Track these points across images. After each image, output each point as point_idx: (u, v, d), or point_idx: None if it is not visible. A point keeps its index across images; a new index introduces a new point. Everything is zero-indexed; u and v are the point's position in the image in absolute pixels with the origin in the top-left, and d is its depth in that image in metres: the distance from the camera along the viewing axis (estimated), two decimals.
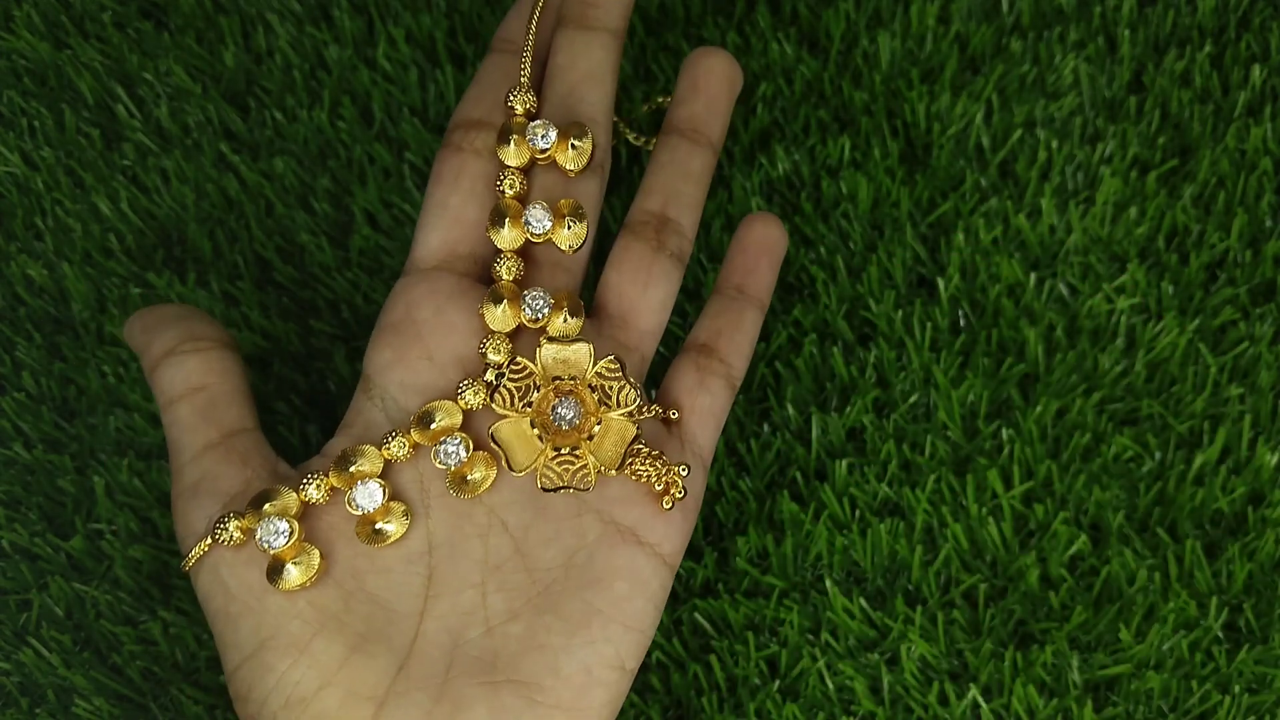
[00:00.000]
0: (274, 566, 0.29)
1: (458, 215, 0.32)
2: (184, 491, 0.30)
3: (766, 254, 0.35)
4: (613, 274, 0.33)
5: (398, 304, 0.32)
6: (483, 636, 0.29)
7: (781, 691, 0.35)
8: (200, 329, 0.32)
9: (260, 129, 0.40)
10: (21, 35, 0.41)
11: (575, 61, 0.33)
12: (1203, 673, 0.34)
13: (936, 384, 0.37)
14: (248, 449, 0.31)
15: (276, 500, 0.29)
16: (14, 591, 0.36)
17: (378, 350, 0.31)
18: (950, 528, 0.35)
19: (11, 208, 0.40)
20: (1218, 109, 0.40)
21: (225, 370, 0.32)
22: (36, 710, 0.35)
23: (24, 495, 0.37)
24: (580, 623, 0.29)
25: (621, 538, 0.30)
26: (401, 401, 0.31)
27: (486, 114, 0.33)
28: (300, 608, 0.29)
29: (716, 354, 0.33)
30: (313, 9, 0.41)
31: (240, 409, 0.32)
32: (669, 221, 0.33)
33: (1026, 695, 0.34)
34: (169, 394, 0.31)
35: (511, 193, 0.32)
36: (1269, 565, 0.35)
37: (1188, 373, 0.37)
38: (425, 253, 0.32)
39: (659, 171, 0.34)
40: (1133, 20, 0.40)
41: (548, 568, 0.30)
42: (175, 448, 0.31)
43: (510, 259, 0.31)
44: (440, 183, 0.32)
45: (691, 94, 0.35)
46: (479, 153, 0.32)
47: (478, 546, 0.30)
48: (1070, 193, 0.39)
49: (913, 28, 0.40)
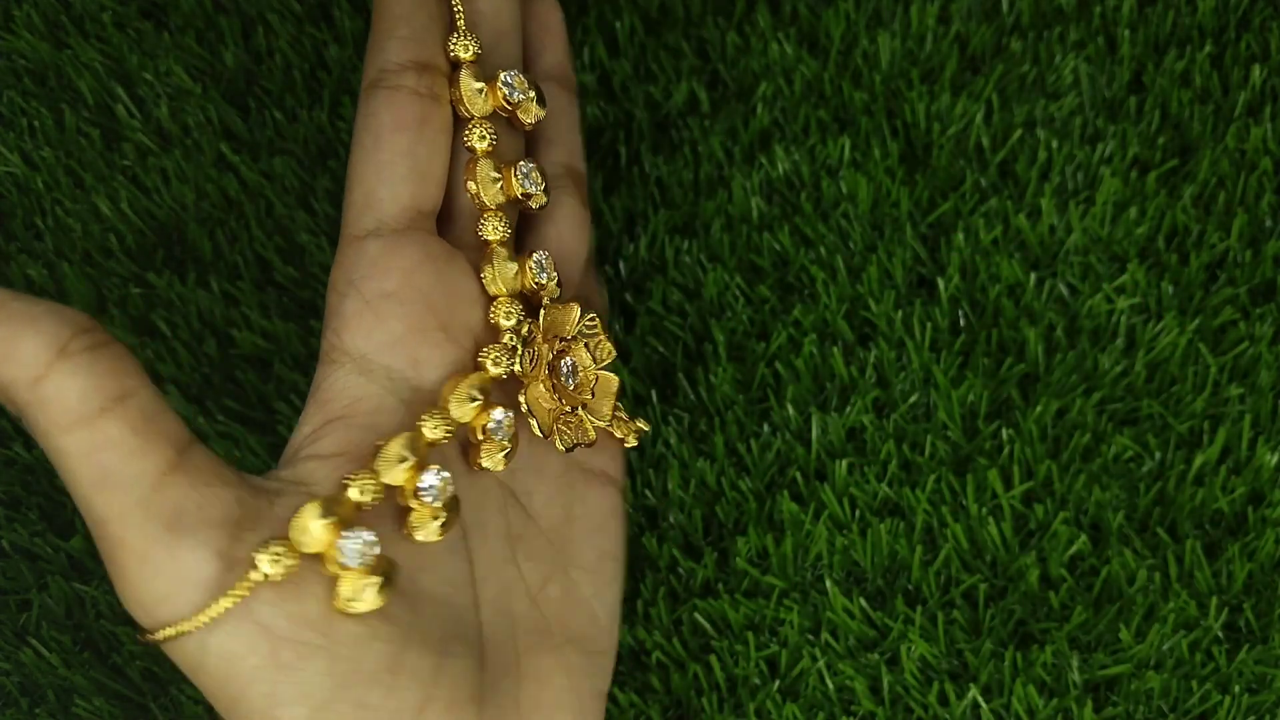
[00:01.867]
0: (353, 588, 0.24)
1: (426, 169, 0.29)
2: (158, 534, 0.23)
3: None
4: (552, 230, 0.33)
5: (388, 271, 0.28)
6: (530, 607, 0.29)
7: (781, 691, 0.35)
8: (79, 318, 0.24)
9: (260, 129, 0.40)
10: (21, 35, 0.41)
11: (500, 10, 0.32)
12: (1203, 673, 0.34)
13: (936, 384, 0.37)
14: (211, 464, 0.25)
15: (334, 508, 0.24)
16: (14, 591, 0.36)
17: (375, 323, 0.28)
18: (950, 528, 0.35)
19: (11, 208, 0.40)
20: (1218, 109, 0.40)
21: (136, 368, 0.24)
22: (36, 710, 0.35)
23: (24, 495, 0.37)
24: (597, 568, 0.31)
25: (599, 480, 0.32)
26: (415, 380, 0.28)
27: (432, 56, 0.30)
28: (377, 627, 0.25)
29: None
30: (313, 9, 0.41)
31: (174, 417, 0.25)
32: (578, 173, 0.34)
33: (1026, 695, 0.34)
34: (82, 410, 0.23)
35: (484, 146, 0.30)
36: (1269, 565, 0.35)
37: (1188, 373, 0.37)
38: (396, 210, 0.29)
39: (553, 122, 0.34)
40: (1133, 20, 0.40)
41: (557, 525, 0.31)
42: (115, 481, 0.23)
43: (497, 217, 0.30)
44: (404, 129, 0.29)
45: (548, 37, 0.35)
46: (436, 99, 0.29)
47: (500, 521, 0.29)
48: (1070, 193, 0.39)
49: (913, 28, 0.40)
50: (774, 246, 0.39)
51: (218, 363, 0.38)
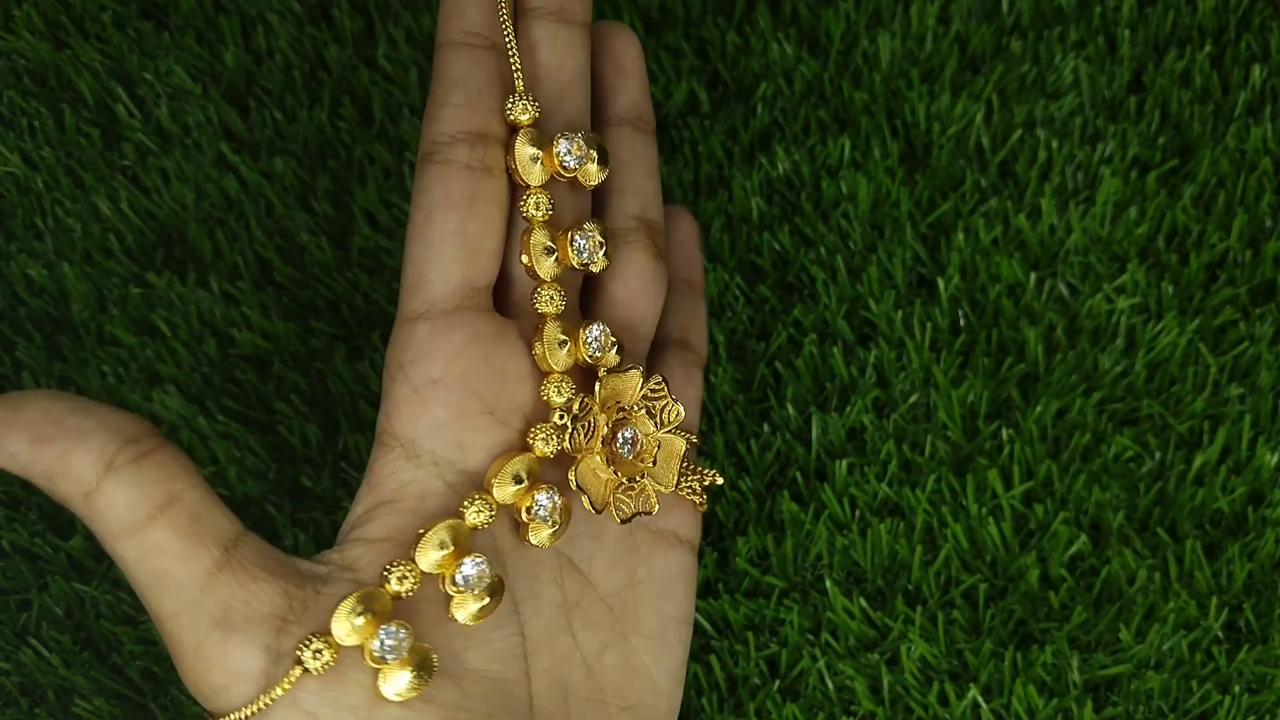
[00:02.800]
0: (389, 678, 0.25)
1: (478, 245, 0.28)
2: (210, 633, 0.25)
3: (692, 242, 0.36)
4: (620, 288, 0.31)
5: (434, 356, 0.28)
6: (585, 678, 0.29)
7: (781, 691, 0.35)
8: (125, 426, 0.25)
9: (260, 129, 0.40)
10: (21, 35, 0.41)
11: (564, 62, 0.30)
12: (1203, 673, 0.34)
13: (936, 384, 0.37)
14: (261, 558, 0.26)
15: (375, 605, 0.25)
16: (14, 591, 0.36)
17: (422, 410, 0.28)
18: (950, 528, 0.35)
19: (11, 208, 0.40)
20: (1218, 109, 0.40)
21: (185, 470, 0.25)
22: (36, 710, 0.35)
23: (24, 495, 0.37)
24: (660, 635, 0.31)
25: (667, 542, 0.32)
26: (461, 464, 0.28)
27: (486, 124, 0.29)
28: (420, 710, 0.25)
29: (690, 347, 0.34)
30: (313, 9, 0.41)
31: (224, 514, 0.26)
32: (653, 224, 0.32)
33: (1026, 695, 0.34)
34: (132, 519, 0.24)
35: (541, 215, 0.29)
36: (1269, 565, 0.35)
37: (1188, 373, 0.37)
38: (446, 290, 0.28)
39: (627, 171, 0.32)
40: (1133, 20, 0.40)
41: (617, 591, 0.30)
42: (167, 583, 0.25)
43: (553, 288, 0.29)
44: (453, 207, 0.28)
45: (621, 78, 0.33)
46: (489, 171, 0.29)
47: (555, 591, 0.29)
48: (1070, 193, 0.39)
49: (913, 28, 0.40)
50: (774, 246, 0.39)
51: (218, 363, 0.38)
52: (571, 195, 0.31)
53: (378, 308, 0.38)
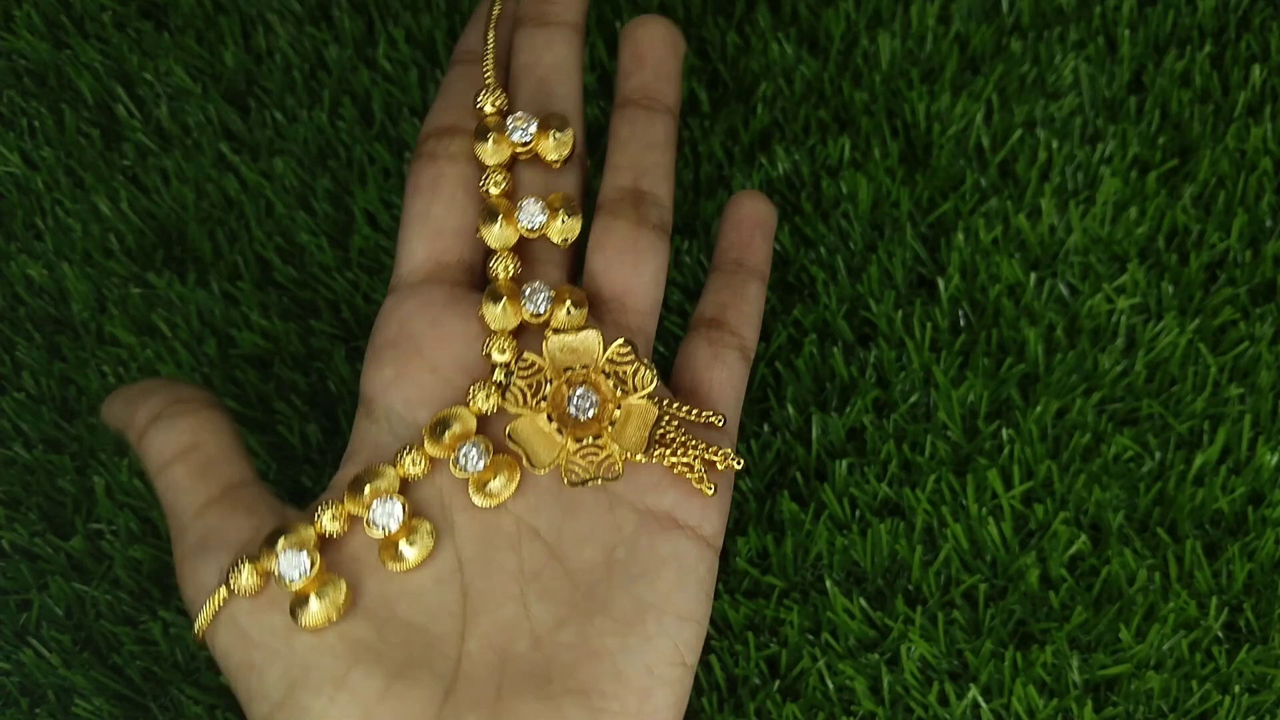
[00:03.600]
0: (297, 603, 0.27)
1: (441, 224, 0.31)
2: (189, 552, 0.29)
3: (759, 228, 0.34)
4: (598, 259, 0.32)
5: (390, 322, 0.31)
6: (531, 649, 0.28)
7: (782, 691, 0.35)
8: (184, 391, 0.31)
9: (260, 129, 0.40)
10: (21, 35, 0.41)
11: (540, 57, 0.33)
12: (1203, 673, 0.34)
13: (936, 384, 0.37)
14: (252, 499, 0.29)
15: (291, 534, 0.28)
16: (14, 591, 0.36)
17: (376, 370, 0.30)
18: (950, 528, 0.35)
19: (11, 208, 0.40)
20: (1218, 109, 0.40)
21: (217, 429, 0.30)
22: (36, 710, 0.35)
23: (24, 495, 0.37)
24: (633, 620, 0.28)
25: (660, 525, 0.29)
26: (409, 418, 0.30)
27: (457, 119, 0.32)
28: (331, 642, 0.27)
29: (726, 326, 0.32)
30: (313, 9, 0.41)
31: (238, 464, 0.30)
32: (644, 194, 0.32)
33: (1027, 695, 0.34)
34: (161, 459, 0.30)
35: (498, 191, 0.31)
36: (1269, 565, 0.35)
37: (1188, 373, 0.37)
38: (411, 266, 0.31)
39: (622, 147, 0.33)
40: (1133, 20, 0.40)
41: (588, 568, 0.29)
42: (173, 512, 0.29)
43: (506, 256, 0.30)
44: (419, 193, 0.31)
45: (637, 64, 0.34)
46: (454, 158, 0.32)
47: (510, 557, 0.29)
48: (1070, 193, 0.39)
49: (913, 28, 0.40)
50: (774, 246, 0.39)
51: (218, 363, 0.38)
52: (552, 175, 0.32)
53: (378, 307, 0.38)
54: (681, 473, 0.29)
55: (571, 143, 0.32)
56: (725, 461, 0.30)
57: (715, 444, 0.30)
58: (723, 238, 0.34)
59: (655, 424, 0.29)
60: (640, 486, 0.29)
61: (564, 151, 0.32)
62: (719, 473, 0.30)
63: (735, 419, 0.32)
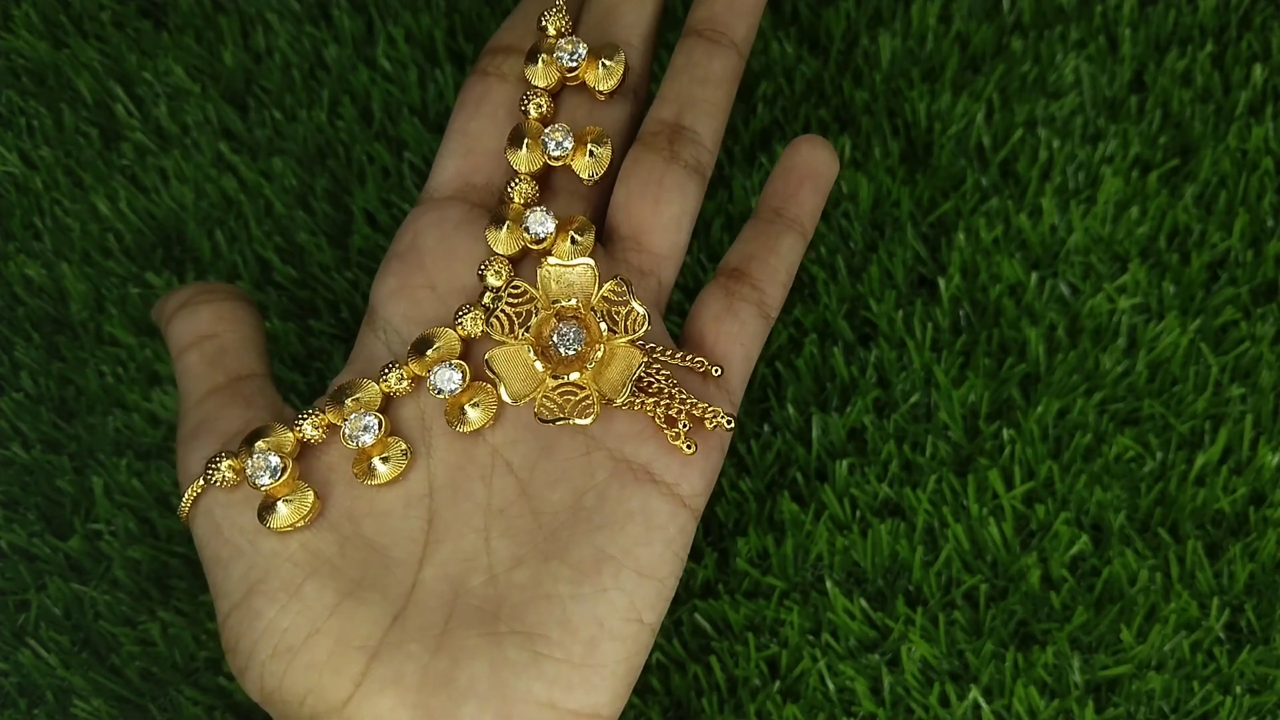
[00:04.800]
0: (265, 505, 0.27)
1: (475, 142, 0.31)
2: (185, 436, 0.29)
3: (810, 179, 0.32)
4: (621, 190, 0.30)
5: (405, 233, 0.30)
6: (485, 585, 0.27)
7: (782, 692, 0.34)
8: (215, 285, 0.31)
9: (259, 128, 0.40)
10: (20, 34, 0.41)
11: None
12: (1204, 673, 0.34)
13: (937, 384, 0.37)
14: (253, 392, 0.30)
15: (270, 436, 0.28)
16: (12, 592, 0.36)
17: (382, 280, 0.30)
18: (951, 528, 0.35)
19: (10, 207, 0.40)
20: (1219, 108, 0.40)
21: (237, 319, 0.31)
22: (35, 711, 0.35)
23: (22, 495, 0.37)
24: (590, 569, 0.27)
25: (634, 476, 0.28)
26: (404, 333, 0.29)
27: (517, 39, 0.31)
28: (292, 550, 0.27)
29: (748, 278, 0.30)
30: (312, 8, 0.41)
31: (250, 356, 0.30)
32: (683, 130, 0.30)
33: (1028, 696, 0.34)
34: (179, 344, 0.30)
35: (535, 114, 0.30)
36: (1270, 565, 0.35)
37: (1189, 373, 0.37)
38: (440, 181, 0.31)
39: (674, 78, 0.31)
40: (1134, 19, 0.40)
41: (554, 510, 0.28)
42: (181, 396, 0.30)
43: (525, 182, 0.29)
44: (462, 108, 0.31)
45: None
46: (504, 77, 0.31)
47: (480, 489, 0.28)
48: (1071, 192, 0.39)
49: (913, 27, 0.40)
50: None
51: None
52: (598, 108, 0.31)
53: None
54: (661, 426, 0.28)
55: (621, 74, 0.30)
56: (714, 421, 0.28)
57: (711, 402, 0.29)
58: (768, 185, 0.32)
59: (640, 369, 0.28)
60: (620, 435, 0.28)
61: (611, 82, 0.30)
62: (707, 432, 0.28)
63: (741, 378, 0.30)
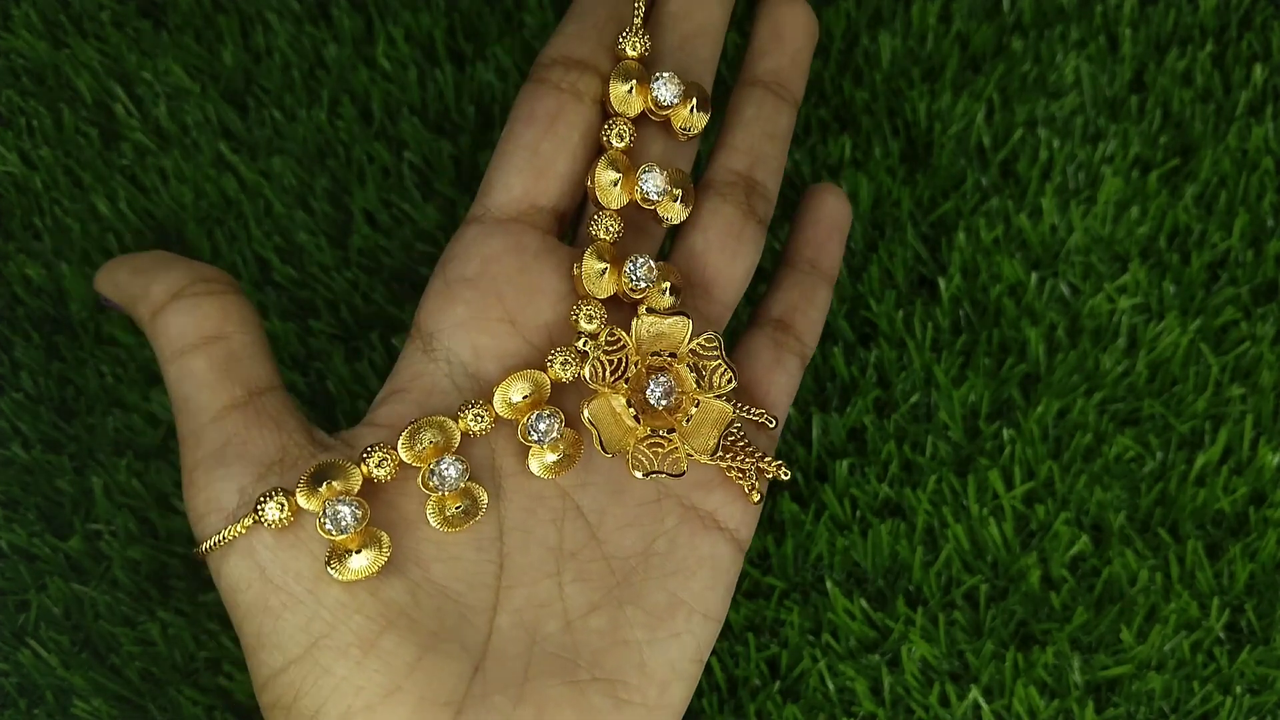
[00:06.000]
0: (336, 554, 0.25)
1: (547, 164, 0.29)
2: (204, 459, 0.26)
3: (838, 230, 0.33)
4: (699, 238, 0.30)
5: (471, 256, 0.28)
6: (561, 631, 0.27)
7: (782, 692, 0.34)
8: (208, 271, 0.28)
9: (259, 128, 0.40)
10: (20, 34, 0.41)
11: (691, 11, 0.30)
12: (1204, 673, 0.34)
13: (937, 384, 0.37)
14: (279, 410, 0.27)
15: (339, 478, 0.25)
16: (12, 592, 0.36)
17: (447, 306, 0.28)
18: (951, 528, 0.35)
19: (10, 207, 0.40)
20: (1219, 108, 0.40)
21: (244, 319, 0.28)
22: (35, 711, 0.35)
23: (22, 495, 0.37)
24: (664, 615, 0.28)
25: (702, 523, 0.29)
26: (473, 367, 0.28)
27: (590, 54, 0.29)
28: (363, 601, 0.25)
29: (792, 330, 0.32)
30: (311, 8, 0.41)
31: (263, 365, 0.28)
32: (757, 185, 0.31)
33: (1028, 696, 0.34)
34: (179, 343, 0.27)
35: (621, 144, 0.29)
36: (1271, 566, 0.35)
37: (1189, 373, 0.37)
38: (504, 200, 0.29)
39: (744, 128, 0.31)
40: (1134, 19, 0.40)
41: (626, 555, 0.28)
42: (188, 407, 0.27)
43: (611, 218, 0.28)
44: (533, 123, 0.29)
45: (775, 44, 0.31)
46: (579, 96, 0.29)
47: (552, 532, 0.27)
48: (1071, 192, 0.39)
49: (914, 26, 0.40)
50: (774, 246, 0.39)
51: None
52: (672, 145, 0.30)
53: (377, 307, 0.38)
54: (735, 478, 0.29)
55: (705, 124, 0.30)
56: (776, 472, 0.29)
57: (757, 446, 0.30)
58: (798, 232, 0.33)
59: (729, 428, 0.28)
60: (690, 483, 0.29)
61: (696, 130, 0.30)
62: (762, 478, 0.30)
63: (783, 423, 0.31)
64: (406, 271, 0.39)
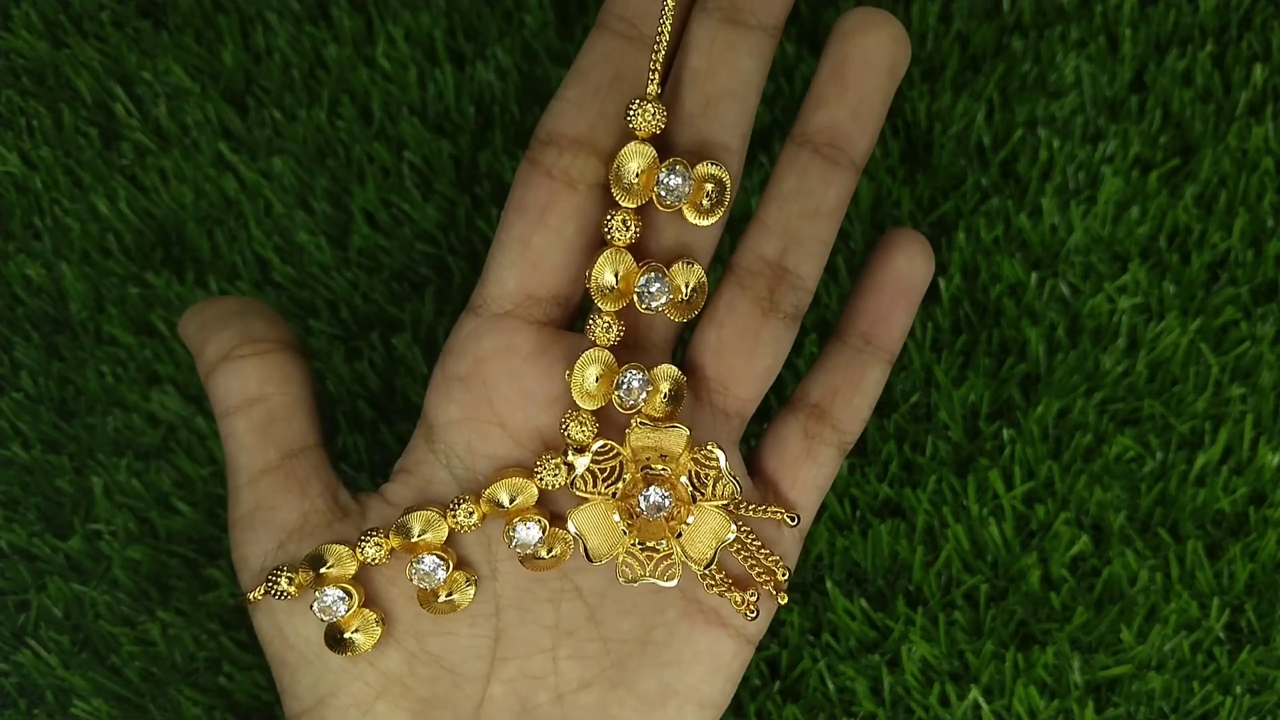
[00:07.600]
0: (333, 634, 0.27)
1: (540, 257, 0.26)
2: (240, 519, 0.28)
3: (905, 295, 0.28)
4: (712, 333, 0.27)
5: (465, 353, 0.27)
6: (552, 704, 0.28)
7: (782, 692, 0.34)
8: (259, 328, 0.29)
9: (259, 128, 0.40)
10: (20, 34, 0.41)
11: (717, 69, 0.26)
12: (1204, 673, 0.34)
13: (938, 384, 0.37)
14: (308, 473, 0.28)
15: (333, 565, 0.27)
16: (12, 592, 0.36)
17: (442, 403, 0.27)
18: (951, 528, 0.35)
19: (10, 207, 0.40)
20: (1219, 108, 0.40)
21: (286, 377, 0.28)
22: (35, 711, 0.35)
23: (22, 495, 0.37)
24: (655, 702, 0.28)
25: (704, 618, 0.28)
26: (468, 463, 0.27)
27: (589, 129, 0.26)
28: (362, 669, 0.27)
29: (829, 418, 0.28)
30: (311, 8, 0.41)
31: (302, 423, 0.29)
32: (786, 274, 0.27)
33: (1028, 696, 0.34)
34: (225, 404, 0.28)
35: (623, 240, 0.26)
36: (1270, 566, 0.35)
37: (1189, 373, 0.37)
38: (499, 293, 0.27)
39: (781, 203, 0.27)
40: (1134, 19, 0.40)
41: (623, 639, 0.28)
42: (232, 467, 0.28)
43: (610, 319, 0.26)
44: (523, 215, 0.26)
45: (836, 88, 0.26)
46: (573, 185, 0.26)
47: (549, 611, 0.28)
48: (1072, 192, 0.39)
49: (913, 27, 0.40)
50: None
51: None
52: (688, 230, 0.27)
53: (376, 307, 0.38)
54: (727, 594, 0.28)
55: (725, 210, 0.26)
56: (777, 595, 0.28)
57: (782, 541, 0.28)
58: (859, 298, 0.29)
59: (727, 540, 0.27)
60: (692, 576, 0.28)
61: (715, 217, 0.26)
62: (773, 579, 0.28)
63: (810, 519, 0.29)
64: (406, 271, 0.39)
